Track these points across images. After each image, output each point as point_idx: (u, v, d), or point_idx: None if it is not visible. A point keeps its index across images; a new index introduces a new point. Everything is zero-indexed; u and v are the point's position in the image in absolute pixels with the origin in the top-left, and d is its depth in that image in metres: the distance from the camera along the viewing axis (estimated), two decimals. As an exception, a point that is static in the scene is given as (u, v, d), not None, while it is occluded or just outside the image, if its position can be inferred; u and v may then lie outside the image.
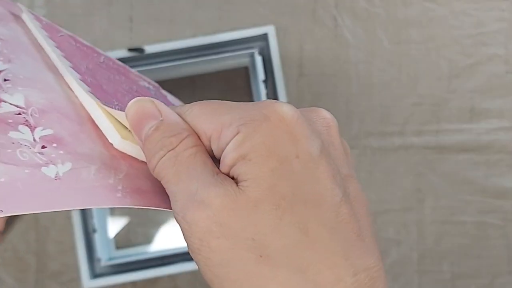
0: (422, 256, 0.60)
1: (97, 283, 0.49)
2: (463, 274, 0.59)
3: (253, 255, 0.22)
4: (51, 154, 0.25)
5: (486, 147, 0.60)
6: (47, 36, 0.33)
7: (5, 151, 0.24)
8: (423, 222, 0.60)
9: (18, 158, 0.24)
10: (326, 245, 0.22)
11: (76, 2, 0.61)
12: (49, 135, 0.26)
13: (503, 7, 0.61)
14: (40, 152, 0.25)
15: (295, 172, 0.22)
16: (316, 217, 0.22)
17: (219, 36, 0.52)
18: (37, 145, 0.25)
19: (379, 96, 0.61)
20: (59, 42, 0.33)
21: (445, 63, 0.61)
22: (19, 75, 0.27)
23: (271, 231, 0.21)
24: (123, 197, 0.25)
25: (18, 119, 0.25)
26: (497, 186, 0.60)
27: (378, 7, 0.61)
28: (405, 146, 0.60)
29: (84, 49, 0.36)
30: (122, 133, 0.28)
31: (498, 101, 0.60)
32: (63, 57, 0.31)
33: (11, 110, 0.25)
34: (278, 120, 0.22)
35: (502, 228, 0.60)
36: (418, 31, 0.61)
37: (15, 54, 0.29)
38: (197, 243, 0.22)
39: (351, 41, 0.61)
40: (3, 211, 0.22)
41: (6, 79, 0.27)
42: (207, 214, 0.22)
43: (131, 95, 0.36)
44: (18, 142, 0.24)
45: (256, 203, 0.22)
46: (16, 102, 0.26)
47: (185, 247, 0.51)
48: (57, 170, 0.24)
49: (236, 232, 0.21)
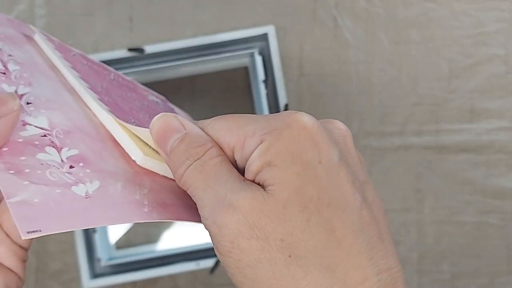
0: (422, 256, 0.60)
1: (97, 283, 0.49)
2: (462, 274, 0.59)
3: (283, 255, 0.22)
4: (79, 173, 0.26)
5: (486, 147, 0.60)
6: (62, 57, 0.33)
7: (35, 173, 0.24)
8: (422, 222, 0.60)
9: (48, 179, 0.24)
10: (351, 246, 0.23)
11: (76, 2, 0.61)
12: (75, 155, 0.26)
13: (503, 7, 0.61)
14: (68, 172, 0.25)
15: (319, 177, 0.23)
16: (341, 219, 0.23)
17: (219, 36, 0.52)
18: (65, 165, 0.26)
19: (379, 96, 0.61)
20: (73, 62, 0.34)
21: (445, 63, 0.61)
22: (41, 98, 0.28)
23: (300, 232, 0.22)
24: (150, 212, 0.26)
25: (44, 141, 0.26)
26: (496, 186, 0.60)
27: (378, 7, 0.61)
28: (405, 146, 0.61)
29: (95, 67, 0.37)
30: (144, 150, 0.28)
31: (498, 101, 0.60)
32: (80, 78, 0.32)
33: (36, 133, 0.26)
34: (299, 128, 0.24)
35: (501, 228, 0.60)
36: (418, 31, 0.61)
37: (34, 77, 0.30)
38: (228, 246, 0.23)
39: (351, 41, 0.61)
40: (42, 230, 0.22)
41: (28, 102, 0.28)
42: (237, 217, 0.23)
43: (144, 111, 0.37)
44: (47, 163, 0.25)
45: (284, 205, 0.23)
46: (41, 125, 0.27)
47: (185, 247, 0.51)
48: (86, 188, 0.25)
49: (266, 233, 0.22)
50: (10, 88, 0.28)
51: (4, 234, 0.27)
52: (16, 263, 0.28)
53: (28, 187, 0.24)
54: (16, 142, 0.25)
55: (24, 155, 0.25)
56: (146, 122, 0.34)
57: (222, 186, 0.23)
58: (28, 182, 0.24)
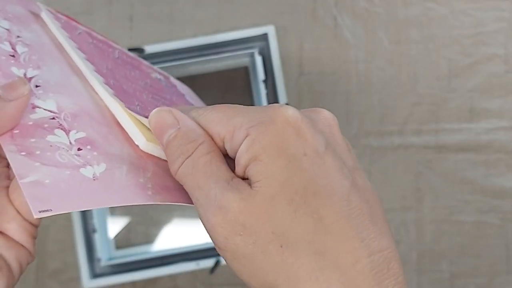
0: (421, 255, 0.60)
1: (97, 283, 0.49)
2: (461, 273, 0.60)
3: (275, 246, 0.24)
4: (87, 156, 0.27)
5: (485, 146, 0.60)
6: (68, 37, 0.34)
7: (45, 154, 0.26)
8: (422, 222, 0.60)
9: (58, 160, 0.26)
10: (341, 231, 0.24)
11: (76, 0, 0.61)
12: (82, 137, 0.28)
13: (503, 7, 0.61)
14: (77, 154, 0.27)
15: (304, 168, 0.24)
16: (329, 207, 0.24)
17: (219, 36, 0.52)
18: (73, 148, 0.27)
19: (378, 95, 0.61)
20: (79, 42, 0.34)
21: (444, 62, 0.61)
22: (49, 81, 0.29)
23: (289, 223, 0.24)
24: (153, 195, 0.27)
25: (53, 123, 0.27)
26: (496, 186, 0.60)
27: (378, 7, 0.61)
28: (404, 145, 0.61)
29: (100, 45, 0.37)
30: (146, 135, 0.30)
31: (497, 101, 0.61)
32: (86, 60, 0.32)
33: (45, 116, 0.27)
34: (283, 122, 0.25)
35: (500, 228, 0.60)
36: (418, 31, 0.61)
37: (42, 60, 0.30)
38: (223, 241, 0.24)
39: (351, 40, 0.61)
40: (52, 210, 0.23)
41: (37, 85, 0.29)
42: (228, 218, 0.24)
43: (148, 91, 0.37)
44: (56, 145, 0.26)
45: (271, 200, 0.24)
46: (50, 108, 0.28)
47: (185, 247, 0.51)
48: (94, 171, 0.26)
49: (257, 229, 0.24)
50: (19, 71, 0.28)
51: (15, 211, 0.28)
52: (26, 239, 0.29)
53: (39, 168, 0.25)
54: (27, 124, 0.26)
55: (34, 137, 0.26)
56: (149, 104, 0.35)
57: (212, 187, 0.25)
58: (39, 164, 0.25)
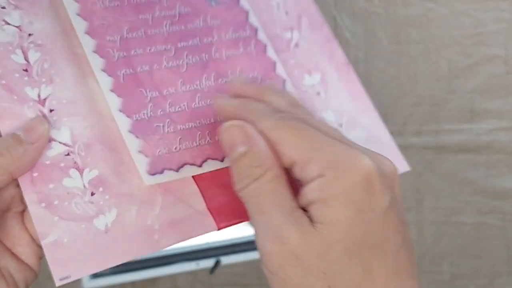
0: (422, 256, 0.60)
1: (97, 283, 0.49)
2: (462, 274, 0.60)
3: (322, 285, 0.25)
4: (100, 202, 0.29)
5: (486, 147, 0.60)
6: (79, 16, 0.32)
7: (62, 205, 0.28)
8: (422, 223, 0.60)
9: (74, 212, 0.28)
10: (385, 283, 0.26)
11: None
12: (95, 177, 0.29)
13: (503, 7, 0.61)
14: (90, 201, 0.29)
15: (367, 222, 0.25)
16: (380, 261, 0.26)
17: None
18: (87, 192, 0.29)
19: (378, 96, 0.61)
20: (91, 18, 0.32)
21: (444, 63, 0.61)
22: (62, 100, 0.30)
23: (341, 268, 0.25)
24: (159, 239, 0.29)
25: (68, 162, 0.29)
26: (496, 187, 0.60)
27: (378, 7, 0.61)
28: (404, 146, 0.61)
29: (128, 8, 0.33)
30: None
31: (497, 101, 0.61)
32: (94, 53, 0.32)
33: (61, 151, 0.29)
34: (359, 174, 0.25)
35: (501, 229, 0.60)
36: (418, 31, 0.61)
37: (55, 66, 0.31)
38: (274, 268, 0.26)
39: (351, 40, 0.61)
40: (71, 276, 0.27)
41: (51, 110, 0.30)
42: (286, 249, 0.25)
43: (173, 40, 0.33)
44: (72, 191, 0.29)
45: (330, 245, 0.25)
46: (64, 140, 0.30)
47: (185, 247, 0.51)
48: (106, 220, 0.29)
49: (310, 265, 0.25)
50: (33, 91, 0.30)
51: (30, 236, 0.30)
52: (36, 262, 0.30)
53: (58, 224, 0.28)
54: (44, 164, 0.29)
55: (52, 181, 0.28)
56: (188, 79, 0.32)
57: (275, 216, 0.26)
58: (57, 218, 0.28)
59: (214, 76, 0.33)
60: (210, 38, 0.34)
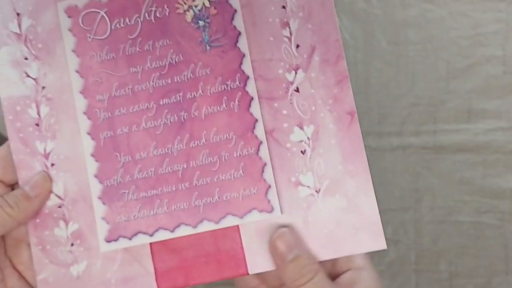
0: (420, 255, 0.60)
1: None
2: (460, 273, 0.60)
3: None
4: (76, 252, 0.34)
5: (483, 147, 0.60)
6: (73, 52, 0.34)
7: (52, 250, 0.34)
8: (420, 222, 0.60)
9: (59, 258, 0.34)
10: None
11: None
12: (76, 230, 0.34)
13: (501, 8, 0.61)
14: (70, 250, 0.34)
15: None
16: None
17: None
18: (68, 243, 0.34)
19: (377, 96, 0.61)
20: (84, 55, 0.34)
21: (443, 64, 0.61)
22: (60, 155, 0.34)
23: None
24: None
25: (59, 214, 0.34)
26: (494, 186, 0.60)
27: (377, 8, 0.61)
28: (402, 146, 0.61)
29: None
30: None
31: (495, 101, 0.61)
32: (84, 114, 0.34)
33: (56, 203, 0.34)
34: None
35: (499, 228, 0.60)
36: (416, 32, 0.61)
37: (58, 123, 0.34)
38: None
39: (350, 41, 0.61)
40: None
41: (53, 164, 0.34)
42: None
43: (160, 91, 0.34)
44: (60, 240, 0.34)
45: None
46: (59, 193, 0.34)
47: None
48: (78, 269, 0.34)
49: None
50: (41, 145, 0.34)
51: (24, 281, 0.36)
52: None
53: (47, 266, 0.34)
54: (44, 213, 0.34)
55: (48, 229, 0.34)
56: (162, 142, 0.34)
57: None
58: (48, 260, 0.34)
59: (187, 138, 0.34)
60: (194, 92, 0.34)
